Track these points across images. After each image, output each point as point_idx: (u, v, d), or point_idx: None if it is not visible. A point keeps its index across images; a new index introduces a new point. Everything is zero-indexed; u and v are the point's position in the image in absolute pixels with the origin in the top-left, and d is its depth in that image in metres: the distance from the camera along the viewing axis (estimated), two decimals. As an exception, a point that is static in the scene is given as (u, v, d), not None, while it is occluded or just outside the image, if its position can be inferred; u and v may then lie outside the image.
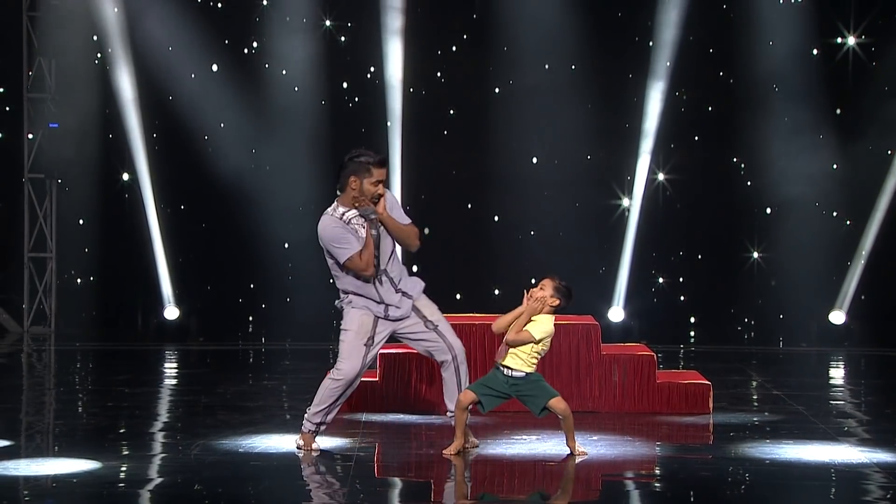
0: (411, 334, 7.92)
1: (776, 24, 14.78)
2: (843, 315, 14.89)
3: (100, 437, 8.40)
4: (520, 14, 14.86)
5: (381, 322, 7.84)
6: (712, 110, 15.22)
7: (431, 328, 7.90)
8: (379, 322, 7.83)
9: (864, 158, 15.01)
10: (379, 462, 7.72)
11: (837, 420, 9.32)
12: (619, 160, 15.10)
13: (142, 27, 14.84)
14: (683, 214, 15.37)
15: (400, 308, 7.84)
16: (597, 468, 7.63)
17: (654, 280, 15.25)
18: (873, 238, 14.83)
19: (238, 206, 15.13)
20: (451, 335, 7.96)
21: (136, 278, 15.28)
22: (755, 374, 11.79)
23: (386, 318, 7.82)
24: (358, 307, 7.82)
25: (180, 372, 12.50)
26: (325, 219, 7.75)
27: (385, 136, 14.85)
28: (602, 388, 9.49)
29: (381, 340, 7.90)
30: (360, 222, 7.72)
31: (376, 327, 7.83)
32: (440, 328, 7.92)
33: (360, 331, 7.80)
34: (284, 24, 15.08)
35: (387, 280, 7.81)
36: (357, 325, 7.81)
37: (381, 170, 7.73)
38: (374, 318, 7.82)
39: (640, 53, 14.95)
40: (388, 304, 7.81)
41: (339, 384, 7.78)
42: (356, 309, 7.83)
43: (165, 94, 15.18)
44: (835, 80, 14.91)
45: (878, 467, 7.53)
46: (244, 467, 7.48)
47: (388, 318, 7.82)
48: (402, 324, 7.89)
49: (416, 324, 7.90)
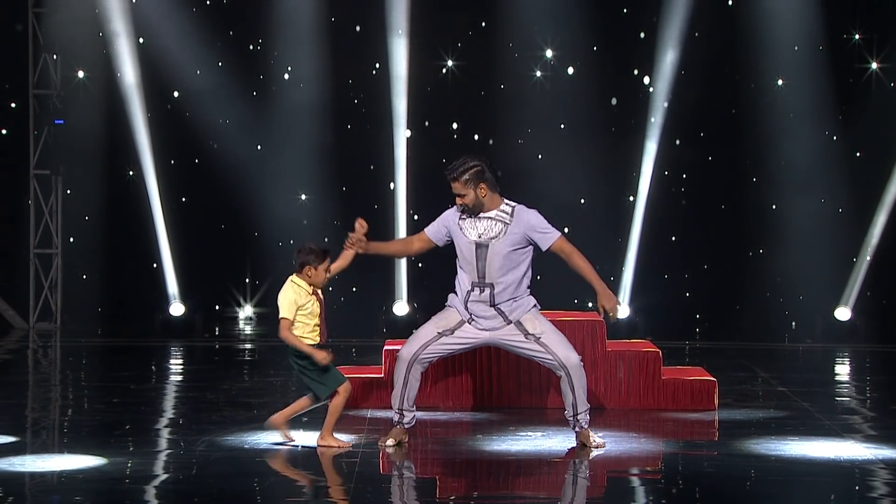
0: (510, 344, 7.95)
1: (783, 19, 14.77)
2: (849, 311, 14.87)
3: (105, 434, 8.40)
4: (524, 13, 14.86)
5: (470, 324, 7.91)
6: (718, 106, 15.20)
7: (533, 340, 7.88)
8: (467, 324, 7.91)
9: (870, 155, 15.01)
10: (384, 458, 7.72)
11: (843, 416, 9.31)
12: (624, 156, 15.09)
13: (147, 23, 14.85)
14: (689, 210, 15.37)
15: (486, 321, 7.88)
16: (602, 465, 7.63)
17: (660, 276, 15.23)
18: (879, 234, 14.81)
19: (244, 202, 15.15)
20: (561, 348, 7.87)
21: (142, 274, 15.29)
22: (760, 371, 11.78)
23: (468, 322, 7.91)
24: (451, 305, 7.98)
25: (186, 368, 12.51)
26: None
27: (390, 134, 14.86)
28: (607, 384, 9.50)
29: (471, 339, 7.94)
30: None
31: (463, 325, 7.91)
32: (544, 340, 7.87)
33: (440, 321, 7.95)
34: (290, 20, 15.08)
35: (486, 293, 7.84)
36: (441, 315, 7.97)
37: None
38: (461, 317, 7.92)
39: (645, 49, 14.94)
40: (472, 313, 7.89)
41: (398, 363, 7.94)
42: (449, 306, 7.99)
43: (171, 90, 15.21)
44: (842, 76, 14.90)
45: (884, 464, 7.53)
46: (249, 464, 7.49)
47: (469, 322, 7.92)
48: (499, 332, 7.90)
49: (514, 334, 7.89)
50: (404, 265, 15.01)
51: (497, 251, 7.82)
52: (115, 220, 15.24)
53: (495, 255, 7.82)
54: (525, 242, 7.87)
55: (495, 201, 7.90)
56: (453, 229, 7.94)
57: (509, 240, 7.83)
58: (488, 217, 7.88)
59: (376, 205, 15.09)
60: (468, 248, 7.86)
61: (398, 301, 15.00)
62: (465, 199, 7.86)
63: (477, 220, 7.89)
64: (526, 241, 7.87)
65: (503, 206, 7.90)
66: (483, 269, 7.83)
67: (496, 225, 7.86)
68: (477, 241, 7.85)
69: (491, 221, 7.87)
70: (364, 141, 15.35)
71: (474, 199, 7.86)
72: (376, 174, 15.24)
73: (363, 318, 15.34)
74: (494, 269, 7.82)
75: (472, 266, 7.85)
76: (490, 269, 7.82)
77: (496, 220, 7.86)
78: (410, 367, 7.88)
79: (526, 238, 7.86)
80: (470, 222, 7.89)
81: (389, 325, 14.72)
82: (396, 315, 14.96)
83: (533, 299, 7.96)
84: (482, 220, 7.88)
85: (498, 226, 7.86)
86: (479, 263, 7.83)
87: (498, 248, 7.82)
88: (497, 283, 7.83)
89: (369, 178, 15.29)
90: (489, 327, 7.90)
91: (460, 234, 7.91)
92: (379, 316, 15.13)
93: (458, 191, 7.87)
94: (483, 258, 7.83)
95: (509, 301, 7.86)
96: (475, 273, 7.84)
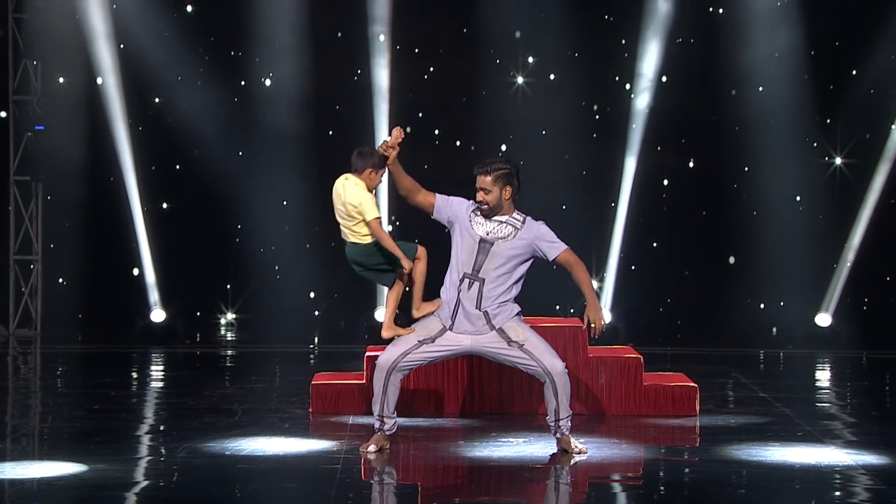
0: (493, 351, 7.91)
1: (764, 26, 14.84)
2: (829, 317, 14.93)
3: (86, 440, 8.39)
4: (506, 18, 14.89)
5: (451, 332, 7.88)
6: (699, 113, 15.26)
7: (517, 347, 7.86)
8: (448, 332, 7.88)
9: (850, 161, 15.09)
10: (366, 464, 7.71)
11: (823, 422, 9.34)
12: (605, 162, 15.13)
13: (129, 30, 14.83)
14: (670, 217, 15.41)
15: (468, 323, 7.84)
16: (584, 471, 7.64)
17: (641, 282, 15.27)
18: (859, 240, 14.88)
19: (225, 209, 15.15)
20: (546, 355, 7.86)
21: (123, 281, 15.26)
22: (741, 377, 11.81)
23: (449, 329, 7.86)
24: (435, 315, 7.93)
25: (166, 374, 12.48)
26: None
27: (371, 140, 14.87)
28: (589, 390, 9.51)
29: (452, 348, 7.91)
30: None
31: (444, 333, 7.88)
32: (528, 347, 7.86)
33: (421, 330, 7.91)
34: (271, 26, 15.09)
35: (475, 288, 7.83)
36: (422, 323, 7.93)
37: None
38: (442, 325, 7.88)
39: (626, 56, 14.98)
40: (455, 313, 7.84)
41: (377, 370, 7.89)
42: (433, 316, 7.94)
43: (151, 96, 15.19)
44: (822, 83, 14.97)
45: (864, 469, 7.55)
46: (231, 470, 7.47)
47: (451, 328, 7.86)
48: (481, 340, 7.88)
49: (497, 341, 7.87)
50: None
51: (500, 251, 7.85)
52: (95, 227, 15.22)
53: (497, 254, 7.85)
54: (529, 252, 7.91)
55: (510, 209, 7.95)
56: (462, 219, 7.91)
57: (516, 244, 7.87)
58: (500, 220, 7.91)
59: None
60: (471, 242, 7.86)
61: (380, 307, 15.01)
62: (489, 196, 7.87)
63: (488, 220, 7.91)
64: (531, 250, 7.90)
65: (515, 215, 7.96)
66: (480, 263, 7.84)
67: (506, 228, 7.90)
68: (483, 237, 7.87)
69: (502, 225, 7.90)
70: (345, 147, 15.31)
71: (497, 199, 7.89)
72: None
73: (345, 324, 15.36)
74: (492, 267, 7.84)
75: (471, 259, 7.85)
76: (487, 265, 7.84)
77: (507, 223, 7.91)
78: (389, 376, 7.86)
79: (532, 247, 7.89)
80: (481, 220, 7.92)
81: (371, 331, 14.72)
82: (378, 321, 14.95)
83: (518, 307, 7.97)
84: (493, 222, 7.91)
85: (508, 229, 7.90)
86: (478, 257, 7.85)
87: (502, 249, 7.86)
88: (489, 280, 7.83)
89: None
90: (471, 330, 7.88)
91: (468, 227, 7.89)
92: (360, 322, 15.13)
93: (484, 185, 7.88)
94: (484, 253, 7.85)
95: (495, 305, 7.86)
96: (471, 266, 7.84)
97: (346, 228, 7.89)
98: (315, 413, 9.39)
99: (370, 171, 7.89)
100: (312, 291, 15.52)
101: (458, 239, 7.92)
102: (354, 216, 7.84)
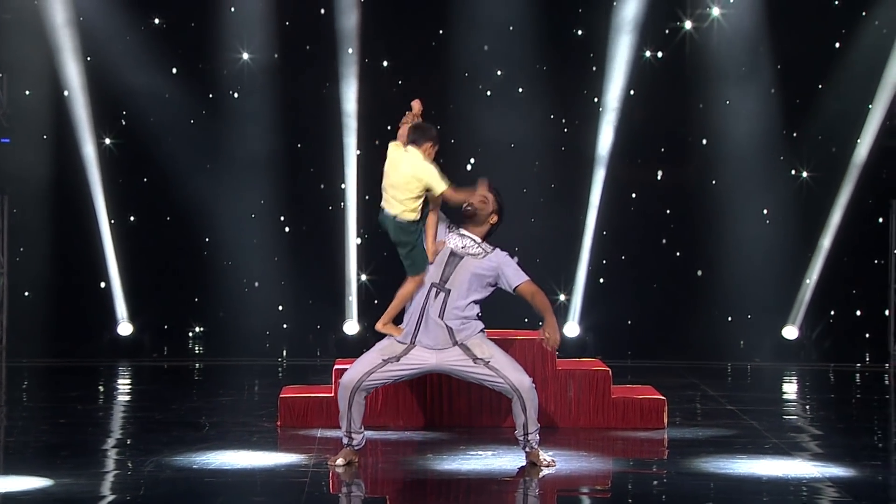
0: (459, 369, 7.92)
1: (731, 40, 14.95)
2: (797, 330, 15.02)
3: (52, 454, 8.34)
4: (474, 32, 14.93)
5: (417, 348, 7.88)
6: (667, 126, 15.34)
7: (483, 364, 7.87)
8: (415, 349, 7.88)
9: (817, 175, 15.19)
10: (334, 478, 7.71)
11: (790, 435, 9.39)
12: (574, 176, 15.18)
13: (96, 42, 14.79)
14: (638, 230, 15.48)
15: (431, 335, 7.85)
16: (552, 484, 7.65)
17: (610, 295, 15.32)
18: (825, 254, 14.99)
19: (192, 222, 15.11)
20: (512, 371, 7.86)
21: (90, 294, 15.20)
22: (709, 389, 11.86)
23: (412, 343, 7.86)
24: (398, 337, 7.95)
25: (134, 388, 12.43)
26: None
27: (340, 153, 14.88)
28: (557, 403, 9.53)
29: (417, 366, 7.90)
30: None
31: (409, 351, 7.88)
32: (493, 363, 7.86)
33: (385, 348, 7.92)
34: (239, 39, 15.09)
35: (441, 300, 7.86)
36: (387, 342, 7.94)
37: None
38: (406, 343, 7.89)
39: (595, 70, 15.04)
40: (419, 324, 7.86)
41: (341, 389, 7.88)
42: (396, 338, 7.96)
43: (118, 108, 15.16)
44: (789, 97, 15.08)
45: (831, 482, 7.60)
46: (198, 484, 7.45)
47: (413, 341, 7.86)
48: (446, 356, 7.88)
49: (462, 359, 7.88)
50: (355, 284, 15.02)
51: (468, 266, 7.92)
52: (62, 240, 15.16)
53: (465, 268, 7.92)
54: (493, 277, 7.97)
55: (485, 234, 8.05)
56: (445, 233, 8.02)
57: (484, 264, 7.94)
58: (473, 241, 8.00)
59: (326, 224, 15.11)
60: (443, 253, 7.94)
61: (348, 320, 15.00)
62: (484, 207, 7.97)
63: (461, 238, 8.00)
64: (495, 275, 7.96)
65: (485, 244, 8.04)
66: (448, 274, 7.90)
67: (476, 247, 7.99)
68: (454, 250, 7.95)
69: (473, 243, 8.00)
70: (314, 160, 15.35)
71: (484, 216, 8.00)
72: (326, 193, 15.25)
73: (313, 337, 15.34)
74: (458, 280, 7.89)
75: (440, 269, 7.91)
76: (454, 278, 7.89)
77: (478, 244, 8.00)
78: (353, 394, 7.85)
79: (497, 272, 7.96)
80: (455, 237, 8.00)
81: (339, 344, 14.71)
82: (347, 334, 14.95)
83: (481, 324, 8.01)
84: (466, 240, 8.01)
85: (478, 248, 7.99)
86: (446, 268, 7.92)
87: (470, 265, 7.93)
88: (454, 290, 7.88)
89: (319, 198, 15.30)
90: (433, 345, 7.88)
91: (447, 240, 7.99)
92: (329, 335, 15.12)
93: (486, 197, 8.01)
94: (453, 266, 7.92)
95: (459, 319, 7.89)
96: (439, 276, 7.90)
97: (395, 199, 7.81)
98: (283, 426, 9.38)
99: (430, 144, 7.87)
100: (281, 304, 15.50)
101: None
102: (413, 189, 7.79)
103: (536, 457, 7.95)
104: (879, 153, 14.92)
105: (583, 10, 15.18)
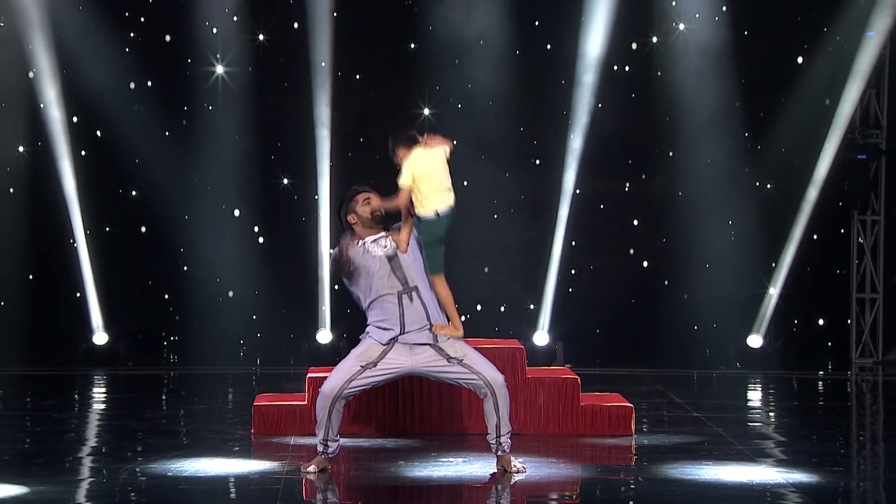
0: (433, 370, 7.97)
1: (697, 55, 15.07)
2: (761, 339, 15.15)
3: (27, 462, 8.37)
4: (445, 45, 15.02)
5: (393, 352, 7.91)
6: (635, 138, 15.44)
7: (457, 363, 7.93)
8: (390, 353, 7.92)
9: (779, 187, 15.33)
10: (307, 485, 7.79)
11: (755, 441, 9.48)
12: (543, 186, 15.25)
13: (70, 54, 14.78)
14: (606, 239, 15.57)
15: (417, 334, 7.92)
16: (522, 490, 7.72)
17: (578, 304, 15.38)
18: (789, 263, 15.13)
19: (168, 232, 15.10)
20: (486, 367, 7.95)
21: (65, 303, 15.17)
22: (675, 397, 11.94)
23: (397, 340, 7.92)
24: (371, 338, 7.98)
25: (109, 396, 12.45)
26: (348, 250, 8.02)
27: (313, 165, 14.93)
28: (527, 410, 9.61)
29: (393, 370, 7.95)
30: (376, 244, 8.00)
31: (385, 356, 7.92)
32: (467, 361, 7.93)
33: (362, 354, 7.94)
34: (214, 54, 15.12)
35: (415, 297, 7.93)
36: (363, 349, 7.96)
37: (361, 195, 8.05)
38: (382, 348, 7.92)
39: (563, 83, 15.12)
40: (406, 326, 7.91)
41: (321, 398, 7.91)
42: (369, 338, 7.99)
43: (96, 121, 15.12)
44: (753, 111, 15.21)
45: (794, 487, 7.69)
46: (172, 491, 7.50)
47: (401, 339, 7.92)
48: (421, 358, 7.94)
49: (436, 359, 7.94)
50: (328, 293, 15.06)
51: (406, 259, 7.97)
52: (37, 250, 15.11)
53: (408, 263, 7.96)
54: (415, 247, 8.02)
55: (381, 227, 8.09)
56: (359, 254, 7.97)
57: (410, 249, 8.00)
58: (381, 236, 8.03)
59: (299, 234, 15.14)
60: (382, 265, 7.93)
61: (322, 329, 15.04)
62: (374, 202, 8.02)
63: (375, 245, 8.01)
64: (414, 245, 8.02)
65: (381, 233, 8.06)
66: (403, 276, 7.93)
67: (389, 241, 8.02)
68: (387, 255, 7.96)
69: (386, 240, 8.03)
70: (288, 171, 15.39)
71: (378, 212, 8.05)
72: (300, 204, 15.28)
73: (286, 346, 15.35)
74: (413, 274, 7.94)
75: (392, 277, 7.90)
76: (409, 274, 7.94)
77: (387, 238, 8.03)
78: (334, 403, 7.89)
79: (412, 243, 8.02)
80: (370, 247, 7.99)
81: (313, 353, 14.74)
82: (320, 343, 15.00)
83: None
84: (380, 240, 8.01)
85: (390, 241, 8.03)
86: (397, 273, 7.93)
87: (404, 257, 7.97)
88: (420, 286, 7.94)
89: (293, 211, 15.31)
90: (418, 341, 7.93)
91: (369, 256, 7.96)
92: (302, 343, 15.16)
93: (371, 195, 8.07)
94: (399, 268, 7.94)
95: (435, 307, 7.98)
96: (398, 283, 7.91)
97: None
98: (257, 434, 9.43)
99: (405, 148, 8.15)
100: (255, 314, 15.52)
101: (367, 274, 7.95)
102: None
103: (508, 463, 8.02)
104: (841, 166, 15.10)
105: (552, 24, 15.28)
